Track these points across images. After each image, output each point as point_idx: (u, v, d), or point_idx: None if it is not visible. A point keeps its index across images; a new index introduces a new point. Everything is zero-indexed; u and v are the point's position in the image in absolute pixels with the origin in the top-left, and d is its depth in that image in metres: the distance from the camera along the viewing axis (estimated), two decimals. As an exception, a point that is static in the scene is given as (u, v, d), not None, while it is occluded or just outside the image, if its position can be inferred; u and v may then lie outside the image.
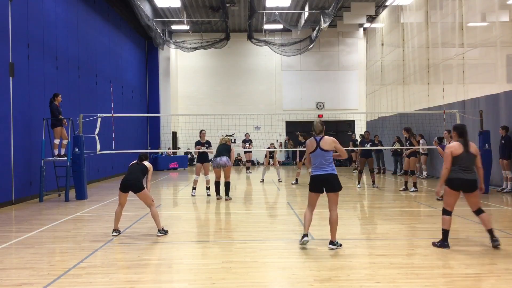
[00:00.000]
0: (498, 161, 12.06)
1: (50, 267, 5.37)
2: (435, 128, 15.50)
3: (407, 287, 4.52)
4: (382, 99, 23.59)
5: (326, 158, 6.11)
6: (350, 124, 27.60)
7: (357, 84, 27.97)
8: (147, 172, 7.26)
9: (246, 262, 5.44)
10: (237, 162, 26.73)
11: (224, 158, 10.82)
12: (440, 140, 12.78)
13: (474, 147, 6.18)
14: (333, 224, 6.05)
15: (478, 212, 6.13)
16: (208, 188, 12.06)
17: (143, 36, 23.64)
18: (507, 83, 12.81)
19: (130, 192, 7.05)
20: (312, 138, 6.25)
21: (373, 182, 13.87)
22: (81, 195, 11.51)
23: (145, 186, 7.09)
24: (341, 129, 27.94)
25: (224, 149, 11.04)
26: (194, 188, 12.17)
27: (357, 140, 21.50)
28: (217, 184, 11.25)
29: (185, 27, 24.38)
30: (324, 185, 6.09)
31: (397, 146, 16.69)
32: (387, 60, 22.80)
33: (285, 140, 24.64)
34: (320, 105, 27.82)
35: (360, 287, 4.51)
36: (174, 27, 24.67)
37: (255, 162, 27.19)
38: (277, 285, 4.69)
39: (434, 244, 6.13)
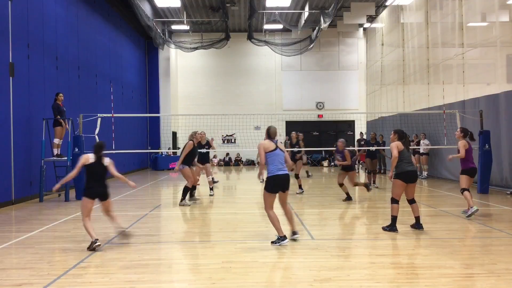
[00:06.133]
0: (498, 161, 12.00)
1: (50, 267, 5.37)
2: (435, 128, 15.49)
3: (407, 287, 4.52)
4: (382, 99, 23.57)
5: (283, 158, 6.35)
6: (350, 124, 27.59)
7: (357, 84, 27.94)
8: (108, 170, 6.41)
9: (246, 262, 5.44)
10: (237, 162, 26.72)
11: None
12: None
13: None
14: (292, 216, 6.61)
15: (412, 201, 7.20)
16: (211, 189, 12.10)
17: (143, 36, 23.64)
18: (507, 83, 12.79)
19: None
20: (267, 140, 6.39)
21: (374, 182, 13.91)
22: (81, 195, 11.44)
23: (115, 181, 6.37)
24: (341, 129, 27.93)
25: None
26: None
27: (364, 139, 19.94)
28: (192, 188, 10.96)
29: (185, 27, 24.36)
30: (285, 184, 6.31)
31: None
32: (387, 60, 22.78)
33: (285, 140, 24.58)
34: (320, 105, 27.81)
35: (360, 287, 4.52)
36: (174, 27, 24.65)
37: (255, 162, 27.12)
38: (277, 285, 4.68)
39: (384, 229, 7.07)
